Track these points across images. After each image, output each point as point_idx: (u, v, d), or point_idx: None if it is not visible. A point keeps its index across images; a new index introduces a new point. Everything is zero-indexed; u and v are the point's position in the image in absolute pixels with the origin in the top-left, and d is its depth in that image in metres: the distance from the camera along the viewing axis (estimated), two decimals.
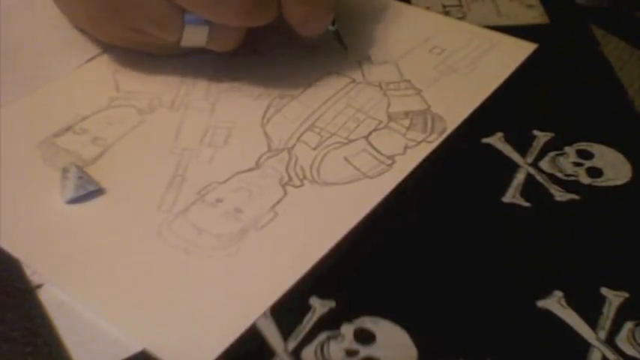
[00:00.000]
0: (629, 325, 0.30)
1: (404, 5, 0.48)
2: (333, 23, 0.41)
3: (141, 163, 0.37)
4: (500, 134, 0.39)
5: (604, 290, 0.32)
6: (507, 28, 0.46)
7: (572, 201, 0.35)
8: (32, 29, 0.44)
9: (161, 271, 0.32)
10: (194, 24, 0.38)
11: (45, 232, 0.33)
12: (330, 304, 0.31)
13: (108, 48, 0.43)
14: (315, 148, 0.37)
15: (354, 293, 0.31)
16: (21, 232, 0.33)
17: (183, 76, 0.41)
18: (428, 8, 0.48)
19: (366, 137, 0.38)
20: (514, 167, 0.37)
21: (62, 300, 0.31)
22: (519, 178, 0.36)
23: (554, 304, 0.31)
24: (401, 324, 0.30)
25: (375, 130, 0.39)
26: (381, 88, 0.41)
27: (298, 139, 0.38)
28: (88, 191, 0.34)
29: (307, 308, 0.31)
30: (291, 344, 0.29)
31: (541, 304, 0.31)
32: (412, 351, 0.29)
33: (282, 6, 0.38)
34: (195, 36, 0.38)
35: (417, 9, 0.47)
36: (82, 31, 0.43)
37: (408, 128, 0.39)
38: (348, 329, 0.30)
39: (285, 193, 0.35)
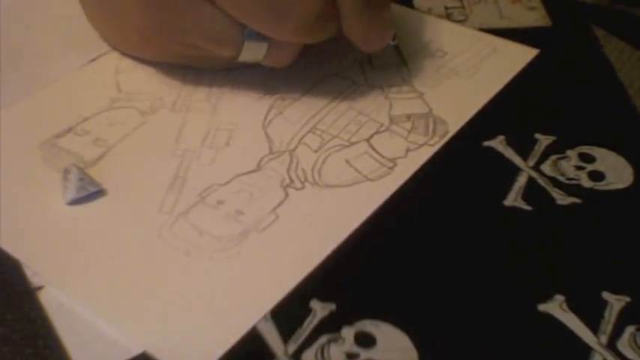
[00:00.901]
0: (630, 330, 0.30)
1: (406, 9, 0.48)
2: (394, 38, 0.41)
3: (142, 164, 0.36)
4: (501, 137, 0.39)
5: (605, 294, 0.31)
6: (509, 31, 0.46)
7: (573, 204, 0.35)
8: (33, 30, 0.44)
9: (162, 273, 0.32)
10: (254, 40, 0.37)
11: (46, 233, 0.33)
12: (331, 307, 0.31)
13: (110, 49, 0.43)
14: (316, 151, 0.37)
15: (354, 296, 0.31)
16: (22, 233, 0.33)
17: (185, 77, 0.41)
18: (430, 9, 0.48)
19: (368, 140, 0.38)
20: (515, 170, 0.37)
21: (63, 302, 0.31)
22: (521, 181, 0.36)
23: (556, 308, 0.31)
24: (402, 327, 0.30)
25: (376, 132, 0.39)
26: (383, 90, 0.41)
27: (300, 141, 0.38)
28: (89, 192, 0.34)
29: (308, 311, 0.30)
30: (292, 347, 0.29)
31: (542, 307, 0.31)
32: (413, 354, 0.29)
33: (343, 21, 0.37)
34: (253, 52, 0.37)
35: (419, 13, 0.47)
36: (125, 52, 0.42)
37: (409, 131, 0.39)
38: (348, 332, 0.30)
39: (287, 195, 0.35)
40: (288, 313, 0.30)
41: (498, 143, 0.38)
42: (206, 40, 0.37)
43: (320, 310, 0.31)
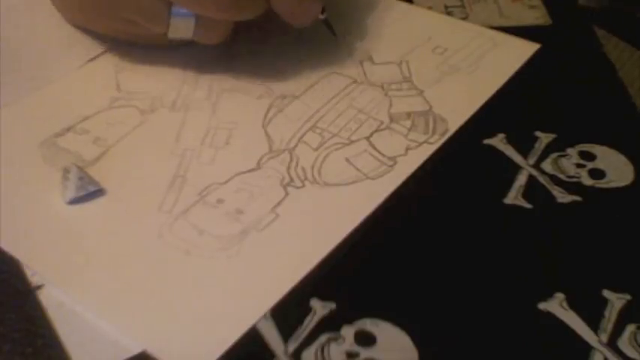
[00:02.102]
0: (631, 328, 0.30)
1: (406, 5, 0.47)
2: (323, 12, 0.41)
3: (142, 163, 0.36)
4: (502, 135, 0.39)
5: (606, 292, 0.31)
6: (510, 29, 0.46)
7: (574, 202, 0.35)
8: (33, 29, 0.44)
9: (162, 272, 0.32)
10: (180, 16, 0.38)
11: (45, 232, 0.33)
12: (331, 305, 0.31)
13: (109, 48, 0.43)
14: (316, 149, 0.37)
15: (354, 295, 0.31)
16: (21, 232, 0.33)
17: (185, 76, 0.41)
18: (430, 9, 0.48)
19: (368, 138, 0.38)
20: (516, 168, 0.37)
21: (62, 301, 0.31)
22: (521, 179, 0.36)
23: (556, 306, 0.31)
24: (402, 326, 0.30)
25: (376, 131, 0.39)
26: (383, 88, 0.41)
27: (300, 139, 0.38)
28: (89, 192, 0.34)
29: (308, 310, 0.30)
30: (292, 346, 0.29)
31: (543, 306, 0.31)
32: (413, 353, 0.29)
33: None
34: (181, 28, 0.39)
35: (419, 9, 0.47)
36: (76, 25, 0.43)
37: (409, 129, 0.39)
38: (348, 331, 0.30)
39: (287, 194, 0.35)
40: (288, 312, 0.30)
41: (499, 141, 0.38)
42: (137, 15, 0.38)
43: (320, 309, 0.30)
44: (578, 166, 0.37)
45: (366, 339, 0.30)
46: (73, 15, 0.43)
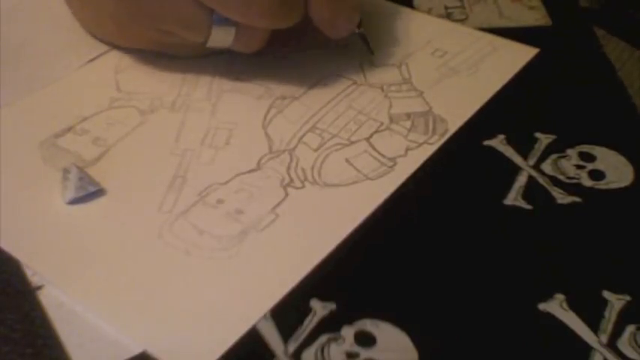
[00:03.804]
0: (630, 329, 0.30)
1: (406, 9, 0.47)
2: (359, 26, 0.41)
3: (142, 163, 0.36)
4: (501, 136, 0.39)
5: (606, 293, 0.31)
6: (509, 30, 0.46)
7: (573, 204, 0.35)
8: (33, 30, 0.44)
9: (161, 273, 0.32)
10: (222, 25, 0.37)
11: (45, 233, 0.33)
12: (331, 306, 0.31)
13: (109, 48, 0.43)
14: (316, 150, 0.37)
15: (354, 295, 0.31)
16: (21, 233, 0.33)
17: (185, 76, 0.41)
18: (430, 9, 0.48)
19: (368, 139, 0.38)
20: (515, 169, 0.37)
21: (62, 301, 0.31)
22: (521, 180, 0.36)
23: (556, 307, 0.31)
24: (402, 327, 0.30)
25: (376, 131, 0.39)
26: (383, 90, 0.41)
27: (299, 140, 0.38)
28: (89, 192, 0.34)
29: (308, 310, 0.30)
30: (292, 346, 0.29)
31: (542, 307, 0.31)
32: (413, 354, 0.29)
33: (310, 7, 0.38)
34: (222, 37, 0.38)
35: (419, 13, 0.47)
36: (103, 40, 0.43)
37: (409, 130, 0.39)
38: (348, 332, 0.30)
39: (286, 194, 0.35)
40: (288, 313, 0.30)
41: (498, 142, 0.38)
42: (175, 24, 0.38)
43: (320, 309, 0.30)
44: (578, 167, 0.37)
45: (366, 339, 0.30)
46: (101, 28, 0.42)
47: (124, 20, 0.39)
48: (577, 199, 0.36)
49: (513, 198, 0.35)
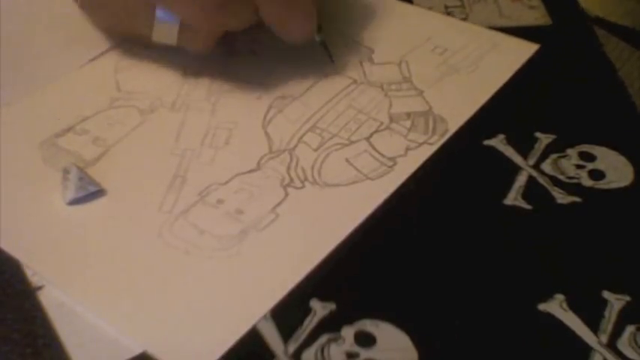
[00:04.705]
0: (630, 329, 0.30)
1: (405, 5, 0.47)
2: (319, 30, 0.41)
3: (142, 163, 0.36)
4: (501, 136, 0.39)
5: (605, 294, 0.31)
6: (510, 29, 0.46)
7: (573, 203, 0.35)
8: (33, 29, 0.44)
9: (162, 273, 0.32)
10: (164, 20, 0.38)
11: (45, 233, 0.33)
12: (331, 306, 0.31)
13: (109, 48, 0.43)
14: (316, 150, 0.37)
15: (354, 296, 0.31)
16: (21, 233, 0.33)
17: (185, 76, 0.41)
18: (430, 9, 0.48)
19: (368, 138, 0.38)
20: (516, 169, 0.37)
21: (62, 301, 0.31)
22: (521, 180, 0.36)
23: (556, 307, 0.31)
24: (401, 327, 0.30)
25: (376, 131, 0.39)
26: (383, 88, 0.41)
27: (299, 140, 0.38)
28: (89, 192, 0.34)
29: (308, 310, 0.30)
30: (292, 347, 0.29)
31: (542, 307, 0.31)
32: (412, 354, 0.29)
33: (259, 10, 0.37)
34: (165, 33, 0.38)
35: (419, 9, 0.47)
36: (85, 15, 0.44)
37: (409, 129, 0.39)
38: (348, 332, 0.30)
39: (286, 194, 0.35)
40: (288, 313, 0.30)
41: (498, 142, 0.38)
42: (126, 16, 0.39)
43: (320, 309, 0.31)
44: (578, 167, 0.37)
45: (366, 339, 0.30)
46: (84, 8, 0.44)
47: (85, 4, 0.41)
48: (577, 199, 0.36)
49: (513, 198, 0.35)
